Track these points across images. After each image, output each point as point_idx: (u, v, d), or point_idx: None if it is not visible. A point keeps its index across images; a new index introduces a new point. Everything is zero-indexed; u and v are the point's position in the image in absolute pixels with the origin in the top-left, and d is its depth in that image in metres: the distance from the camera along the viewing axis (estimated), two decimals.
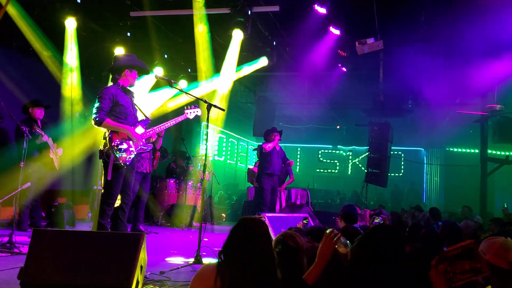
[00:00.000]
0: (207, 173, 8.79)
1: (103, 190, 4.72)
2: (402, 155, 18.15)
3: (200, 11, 7.97)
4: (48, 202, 7.48)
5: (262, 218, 4.83)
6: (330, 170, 18.89)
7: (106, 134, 4.66)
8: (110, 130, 4.64)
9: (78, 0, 7.95)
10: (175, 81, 5.81)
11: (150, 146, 5.12)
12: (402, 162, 18.21)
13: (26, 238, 5.05)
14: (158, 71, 9.69)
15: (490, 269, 2.40)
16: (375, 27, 8.24)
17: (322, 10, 7.93)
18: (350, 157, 18.99)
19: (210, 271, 2.25)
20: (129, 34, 8.80)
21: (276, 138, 8.24)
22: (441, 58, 9.69)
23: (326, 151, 19.04)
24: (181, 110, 5.50)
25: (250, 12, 7.58)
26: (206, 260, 4.73)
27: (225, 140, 16.32)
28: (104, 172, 4.61)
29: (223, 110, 5.53)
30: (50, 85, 8.27)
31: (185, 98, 9.87)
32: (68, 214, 7.30)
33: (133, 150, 4.72)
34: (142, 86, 9.60)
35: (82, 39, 8.48)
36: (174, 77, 10.12)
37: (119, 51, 8.53)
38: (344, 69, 10.41)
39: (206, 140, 5.77)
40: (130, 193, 4.89)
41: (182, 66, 10.75)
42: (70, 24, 8.02)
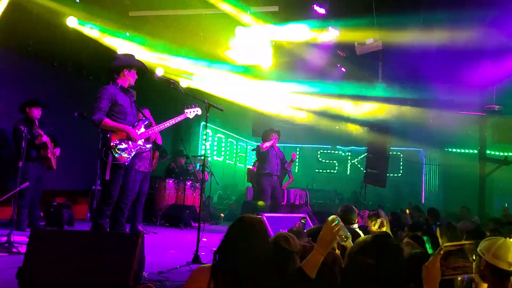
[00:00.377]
0: (206, 173, 8.78)
1: (102, 190, 4.71)
2: (401, 156, 18.13)
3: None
4: (46, 202, 7.46)
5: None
6: (329, 171, 18.87)
7: (105, 134, 4.65)
8: (109, 130, 4.63)
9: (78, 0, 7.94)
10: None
11: (150, 145, 5.11)
12: (401, 163, 18.19)
13: (25, 238, 5.02)
14: (159, 71, 9.67)
15: (489, 269, 2.40)
16: (374, 27, 8.24)
17: (321, 11, 7.93)
18: (349, 157, 18.98)
19: (204, 274, 2.21)
20: (128, 34, 8.79)
21: (273, 137, 8.23)
22: (440, 58, 9.69)
23: (325, 152, 19.03)
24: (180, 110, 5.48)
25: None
26: (204, 260, 4.72)
27: (224, 140, 16.29)
28: (102, 172, 4.60)
29: (222, 110, 5.46)
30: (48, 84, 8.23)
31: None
32: (66, 214, 7.28)
33: (132, 150, 4.71)
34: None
35: (81, 39, 8.46)
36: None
37: (118, 51, 8.51)
38: (343, 69, 10.40)
39: (206, 140, 5.76)
40: (129, 193, 4.87)
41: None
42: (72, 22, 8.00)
